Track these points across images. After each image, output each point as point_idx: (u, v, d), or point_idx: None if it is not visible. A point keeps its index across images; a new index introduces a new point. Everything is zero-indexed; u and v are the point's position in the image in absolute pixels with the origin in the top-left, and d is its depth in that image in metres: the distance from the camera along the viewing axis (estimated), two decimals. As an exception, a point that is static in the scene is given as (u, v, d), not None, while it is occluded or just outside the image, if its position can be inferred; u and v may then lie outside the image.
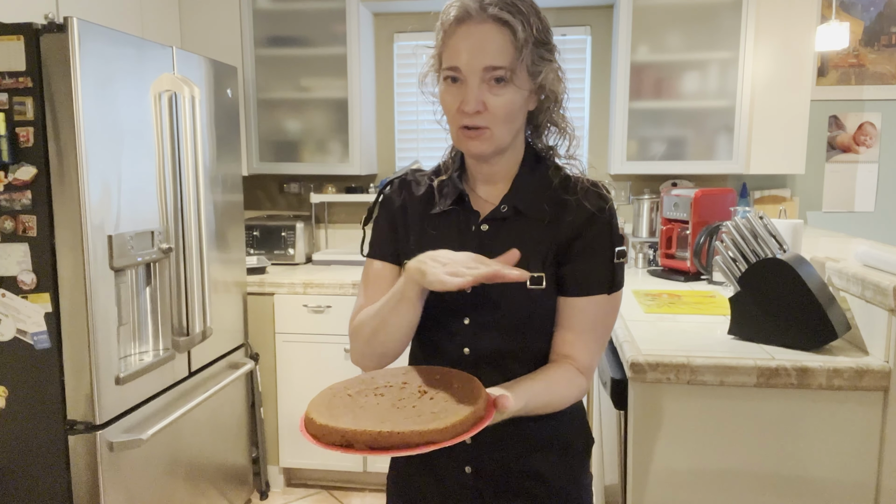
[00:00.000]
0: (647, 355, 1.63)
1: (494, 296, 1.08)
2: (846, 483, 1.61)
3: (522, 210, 1.10)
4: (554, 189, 1.11)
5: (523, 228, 1.10)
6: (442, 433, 0.83)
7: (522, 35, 1.01)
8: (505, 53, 1.01)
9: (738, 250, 1.78)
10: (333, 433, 0.84)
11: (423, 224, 1.15)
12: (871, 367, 1.56)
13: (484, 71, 1.01)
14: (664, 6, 2.90)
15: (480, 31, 1.01)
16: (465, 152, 1.10)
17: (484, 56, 1.00)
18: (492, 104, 1.02)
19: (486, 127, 1.03)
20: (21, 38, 1.81)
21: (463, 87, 1.03)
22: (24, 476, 1.96)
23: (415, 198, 1.18)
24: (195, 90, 2.29)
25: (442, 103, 1.08)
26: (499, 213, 1.11)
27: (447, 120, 1.09)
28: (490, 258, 1.06)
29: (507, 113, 1.03)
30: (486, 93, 1.02)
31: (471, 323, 1.10)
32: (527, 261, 1.07)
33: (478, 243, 1.10)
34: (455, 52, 1.02)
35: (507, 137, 1.07)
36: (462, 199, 1.13)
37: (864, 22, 3.15)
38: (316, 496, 3.01)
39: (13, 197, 1.86)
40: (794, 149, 2.90)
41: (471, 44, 1.01)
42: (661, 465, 1.65)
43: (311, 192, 3.44)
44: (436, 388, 0.93)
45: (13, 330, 1.91)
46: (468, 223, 1.12)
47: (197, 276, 2.35)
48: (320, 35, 3.12)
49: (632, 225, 3.26)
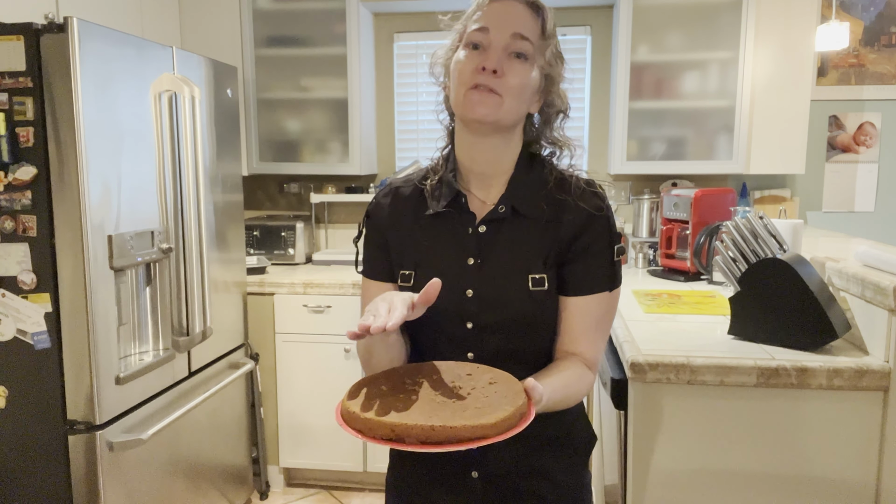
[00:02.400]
0: (647, 355, 1.63)
1: (497, 299, 1.07)
2: (846, 483, 1.61)
3: (520, 210, 1.09)
4: (550, 189, 1.10)
5: (522, 229, 1.09)
6: (493, 428, 0.82)
7: (549, 27, 1.05)
8: (534, 31, 1.04)
9: (738, 250, 1.78)
10: (382, 427, 0.82)
11: (417, 229, 1.14)
12: (871, 367, 1.56)
13: (511, 38, 1.02)
14: (664, 6, 2.90)
15: (514, 7, 1.04)
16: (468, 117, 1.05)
17: (514, 23, 1.03)
18: (510, 72, 1.02)
19: (497, 92, 1.02)
20: (21, 38, 1.81)
21: (484, 53, 1.03)
22: (24, 476, 1.96)
23: (404, 204, 1.16)
24: (195, 90, 2.29)
25: (455, 68, 1.06)
26: (497, 213, 1.09)
27: (455, 85, 1.05)
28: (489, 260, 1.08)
29: (520, 87, 1.03)
30: (506, 60, 1.02)
31: (474, 327, 1.09)
32: (528, 262, 1.07)
33: (476, 246, 1.09)
34: (486, 16, 1.04)
35: (513, 114, 1.05)
36: (458, 200, 1.11)
37: (864, 22, 3.15)
38: (316, 496, 3.01)
39: (13, 197, 1.86)
40: (794, 149, 2.90)
41: (503, 13, 1.04)
42: (661, 465, 1.65)
43: (311, 192, 3.44)
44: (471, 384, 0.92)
45: (13, 330, 1.91)
46: (465, 225, 1.11)
47: (197, 276, 2.35)
48: (320, 35, 3.12)
49: (632, 225, 3.26)
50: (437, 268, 1.10)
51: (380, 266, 1.17)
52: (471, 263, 1.09)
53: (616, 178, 3.35)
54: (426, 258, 1.12)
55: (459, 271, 1.09)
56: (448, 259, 1.11)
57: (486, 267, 1.09)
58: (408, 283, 1.12)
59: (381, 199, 1.19)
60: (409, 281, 1.12)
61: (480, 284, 1.08)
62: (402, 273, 1.13)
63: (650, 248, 3.13)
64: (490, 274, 1.08)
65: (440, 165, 1.16)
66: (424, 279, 1.09)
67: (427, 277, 1.09)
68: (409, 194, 1.17)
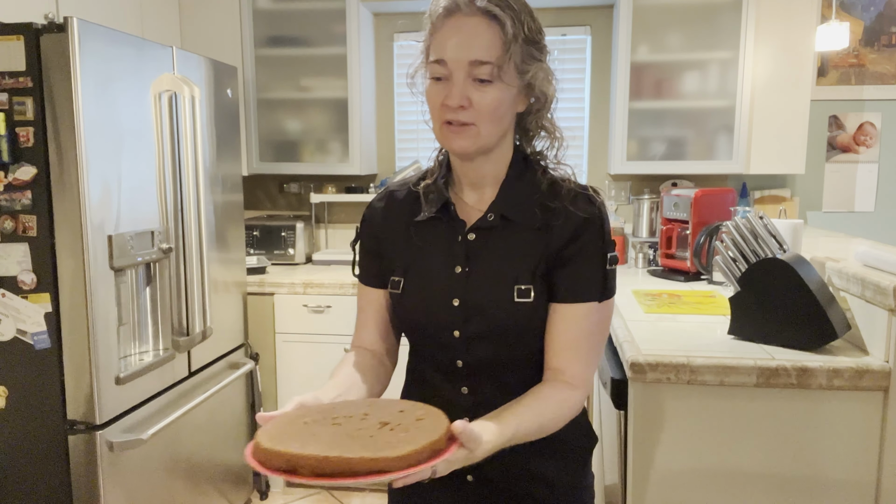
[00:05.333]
0: (647, 355, 1.63)
1: (482, 308, 1.06)
2: (846, 483, 1.61)
3: (510, 217, 1.07)
4: (542, 194, 1.07)
5: (511, 236, 1.07)
6: (394, 462, 0.77)
7: (512, 30, 0.98)
8: (493, 48, 0.97)
9: (738, 250, 1.78)
10: (278, 458, 0.79)
11: (409, 233, 1.12)
12: (871, 367, 1.56)
13: (470, 65, 0.97)
14: (664, 6, 2.90)
15: (469, 25, 0.98)
16: (448, 150, 1.07)
17: (470, 49, 0.97)
18: (477, 101, 0.98)
19: (471, 123, 1.00)
20: (21, 38, 1.81)
21: (447, 86, 0.99)
22: (24, 476, 1.96)
23: (399, 207, 1.15)
24: (195, 90, 2.29)
25: (427, 99, 1.04)
26: (485, 221, 1.07)
27: (431, 117, 1.05)
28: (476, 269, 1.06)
29: (493, 110, 1.00)
30: (471, 89, 0.98)
31: (461, 336, 1.07)
32: (515, 272, 1.05)
33: (465, 253, 1.08)
34: (441, 45, 0.99)
35: (493, 137, 1.03)
36: (447, 207, 1.09)
37: (864, 22, 3.15)
38: (316, 496, 3.01)
39: (13, 197, 1.86)
40: (794, 149, 2.90)
41: (458, 37, 0.98)
42: (661, 465, 1.65)
43: (311, 192, 3.44)
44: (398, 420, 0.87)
45: (13, 330, 1.90)
46: (454, 232, 1.09)
47: (197, 276, 2.35)
48: (320, 35, 3.12)
49: (632, 225, 3.26)
50: (425, 275, 1.09)
51: (373, 273, 1.17)
52: (458, 272, 1.07)
53: (616, 178, 3.35)
54: (415, 265, 1.11)
55: (447, 280, 1.08)
56: (436, 267, 1.09)
57: (472, 276, 1.07)
58: (396, 290, 1.11)
59: (377, 203, 1.18)
60: (397, 288, 1.11)
61: (466, 293, 1.06)
62: (392, 279, 1.12)
63: (650, 248, 3.13)
64: (476, 283, 1.06)
65: (436, 167, 1.15)
66: (413, 287, 1.10)
67: (416, 286, 1.10)
68: (404, 197, 1.15)
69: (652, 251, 3.11)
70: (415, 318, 1.11)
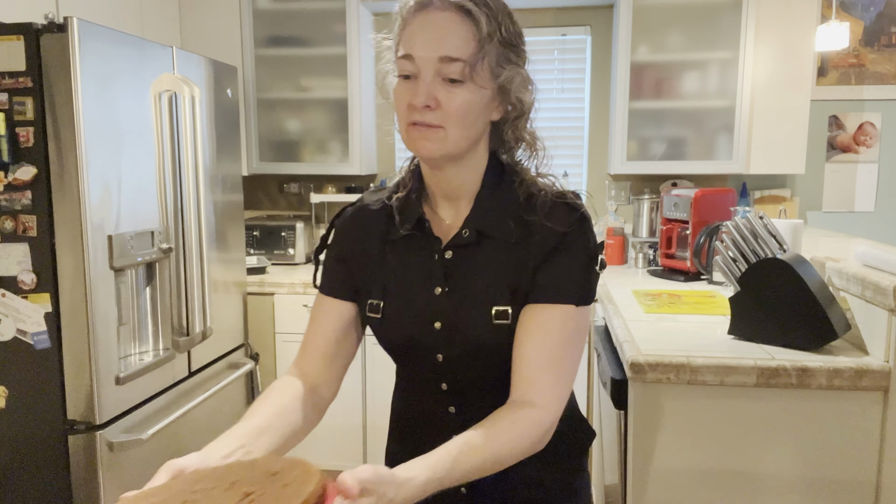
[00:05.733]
0: (647, 355, 1.63)
1: (462, 331, 1.00)
2: (846, 483, 1.61)
3: (487, 232, 0.99)
4: (519, 206, 1.00)
5: (490, 253, 1.00)
6: None
7: (487, 28, 0.91)
8: (465, 45, 0.91)
9: (738, 250, 1.78)
10: None
11: (384, 251, 1.05)
12: (871, 367, 1.56)
13: (440, 62, 0.90)
14: (664, 6, 2.90)
15: (440, 20, 0.91)
16: (414, 153, 0.99)
17: (440, 45, 0.90)
18: (446, 101, 0.91)
19: (438, 125, 0.92)
20: (21, 38, 1.81)
21: (414, 84, 0.92)
22: (24, 476, 1.96)
23: (373, 222, 1.07)
24: (195, 90, 2.29)
25: (394, 100, 0.97)
26: (461, 238, 1.00)
27: (397, 118, 0.97)
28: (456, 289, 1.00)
29: (463, 113, 0.92)
30: (440, 88, 0.91)
31: (444, 359, 1.02)
32: (494, 292, 0.99)
33: (443, 273, 1.01)
34: (411, 40, 0.93)
35: (463, 142, 0.95)
36: (421, 223, 1.02)
37: (864, 22, 3.15)
38: (316, 496, 3.01)
39: (13, 197, 1.86)
40: (794, 149, 2.90)
41: (428, 32, 0.91)
42: (661, 465, 1.65)
43: (311, 192, 3.44)
44: (265, 485, 0.77)
45: (13, 330, 1.90)
46: (431, 250, 1.02)
47: (197, 276, 2.35)
48: (320, 35, 3.12)
49: (632, 225, 3.26)
50: (405, 297, 1.03)
51: (338, 281, 1.08)
52: (438, 293, 1.01)
53: (616, 178, 3.35)
54: (394, 287, 1.04)
55: (427, 302, 1.02)
56: (416, 288, 1.03)
57: (453, 297, 1.01)
58: (376, 314, 1.05)
59: (349, 214, 1.10)
60: (377, 312, 1.04)
61: (448, 316, 1.00)
62: (370, 303, 1.05)
63: (650, 248, 3.13)
64: (457, 305, 1.00)
65: (408, 179, 1.07)
66: (393, 310, 1.03)
67: (396, 309, 1.03)
68: (378, 212, 1.07)
69: (652, 251, 3.12)
70: (397, 342, 1.06)
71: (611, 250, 3.22)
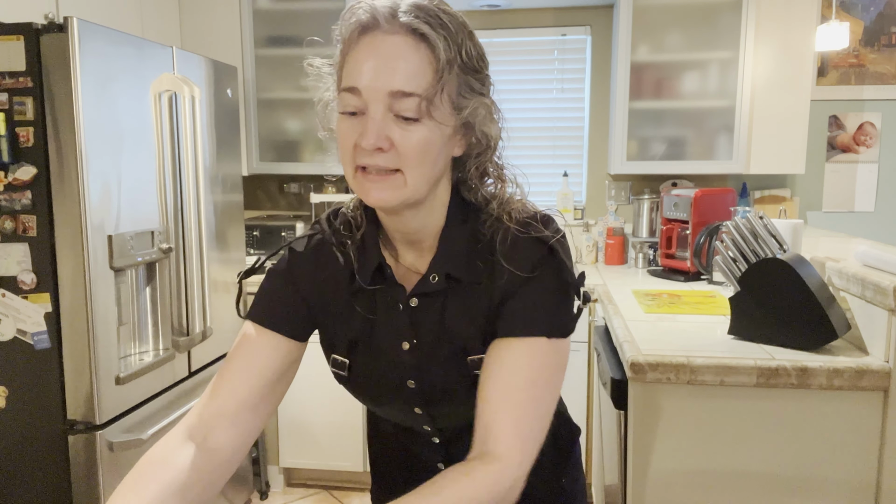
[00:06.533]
0: (647, 355, 1.63)
1: (439, 390, 0.91)
2: (846, 483, 1.61)
3: (455, 275, 0.88)
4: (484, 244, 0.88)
5: (459, 298, 0.89)
6: None
7: (445, 55, 0.77)
8: (420, 76, 0.77)
9: (738, 250, 1.78)
10: None
11: (351, 304, 0.93)
12: (871, 367, 1.56)
13: (391, 97, 0.76)
14: (664, 6, 2.90)
15: (389, 45, 0.77)
16: (366, 202, 0.83)
17: (390, 77, 0.76)
18: (400, 141, 0.77)
19: (394, 169, 0.79)
20: (21, 38, 1.81)
21: (361, 122, 0.78)
22: (24, 476, 1.96)
23: (334, 269, 0.93)
24: (195, 90, 2.29)
25: (337, 133, 0.82)
26: (428, 285, 0.89)
27: (340, 156, 0.83)
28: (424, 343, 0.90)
29: (421, 153, 0.79)
30: (392, 126, 0.77)
31: (424, 413, 0.94)
32: (465, 340, 0.89)
33: (409, 325, 0.91)
34: (355, 69, 0.78)
35: (423, 187, 0.82)
36: (381, 270, 0.91)
37: (864, 22, 3.15)
38: (316, 496, 3.01)
39: (13, 197, 1.86)
40: (794, 149, 2.90)
41: (376, 60, 0.77)
42: (661, 465, 1.65)
43: (311, 192, 3.44)
44: None
45: (13, 330, 1.91)
46: (395, 300, 0.91)
47: (197, 276, 2.35)
48: (320, 35, 3.11)
49: (632, 225, 3.26)
50: (371, 355, 0.93)
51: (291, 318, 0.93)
52: (406, 348, 0.91)
53: (616, 178, 3.35)
54: (361, 341, 0.93)
55: (395, 359, 0.92)
56: (382, 343, 0.92)
57: (421, 351, 0.91)
58: (343, 372, 0.95)
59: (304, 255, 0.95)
60: (343, 369, 0.95)
61: (420, 374, 0.91)
62: (334, 358, 0.96)
63: (650, 248, 3.13)
64: (427, 360, 0.90)
65: (359, 219, 0.93)
66: (360, 368, 0.94)
67: (363, 369, 0.94)
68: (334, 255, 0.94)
69: (652, 251, 3.12)
70: (369, 399, 0.97)
71: (611, 250, 3.22)
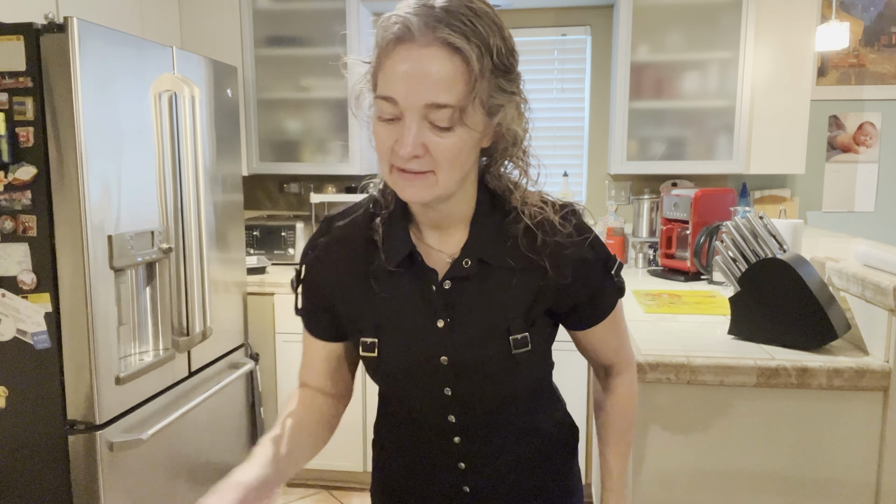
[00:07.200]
0: (647, 355, 1.63)
1: (476, 366, 0.95)
2: (846, 483, 1.61)
3: (488, 260, 0.94)
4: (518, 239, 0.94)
5: (494, 281, 0.94)
6: None
7: (478, 65, 0.81)
8: (453, 88, 0.80)
9: (738, 250, 1.78)
10: None
11: (369, 284, 0.96)
12: (871, 367, 1.56)
13: (426, 108, 0.81)
14: (664, 6, 2.90)
15: (424, 57, 0.80)
16: (401, 197, 0.90)
17: (426, 90, 0.80)
18: (435, 147, 0.83)
19: (428, 171, 0.84)
20: (21, 38, 1.81)
21: (397, 128, 0.83)
22: (24, 476, 1.96)
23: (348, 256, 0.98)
24: (195, 90, 2.29)
25: (374, 135, 0.87)
26: (461, 269, 0.94)
27: (378, 155, 0.88)
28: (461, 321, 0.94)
29: (452, 158, 0.84)
30: (427, 133, 0.82)
31: (454, 393, 0.97)
32: (506, 321, 0.94)
33: (443, 305, 0.94)
34: (391, 79, 0.82)
35: (454, 184, 0.88)
36: (412, 256, 0.95)
37: (864, 22, 3.15)
38: (316, 496, 3.01)
39: (13, 197, 1.86)
40: (794, 149, 2.90)
41: (411, 71, 0.80)
42: (660, 465, 1.65)
43: (311, 192, 3.44)
44: None
45: (13, 330, 1.90)
46: (427, 281, 0.95)
47: (197, 276, 2.35)
48: (320, 35, 3.12)
49: (632, 225, 3.26)
50: (403, 333, 0.96)
51: (322, 327, 1.03)
52: (441, 326, 0.95)
53: (616, 178, 3.35)
54: (388, 321, 0.97)
55: (429, 336, 0.95)
56: (415, 321, 0.96)
57: (458, 330, 0.94)
58: (372, 353, 0.97)
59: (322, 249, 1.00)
60: (373, 351, 0.97)
61: (455, 350, 0.94)
62: (363, 341, 0.98)
63: (650, 248, 3.13)
64: (464, 338, 0.94)
65: (389, 198, 0.97)
66: (391, 347, 0.97)
67: (394, 346, 0.97)
68: (355, 238, 0.98)
69: (652, 251, 3.12)
70: (399, 379, 1.00)
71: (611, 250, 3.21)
